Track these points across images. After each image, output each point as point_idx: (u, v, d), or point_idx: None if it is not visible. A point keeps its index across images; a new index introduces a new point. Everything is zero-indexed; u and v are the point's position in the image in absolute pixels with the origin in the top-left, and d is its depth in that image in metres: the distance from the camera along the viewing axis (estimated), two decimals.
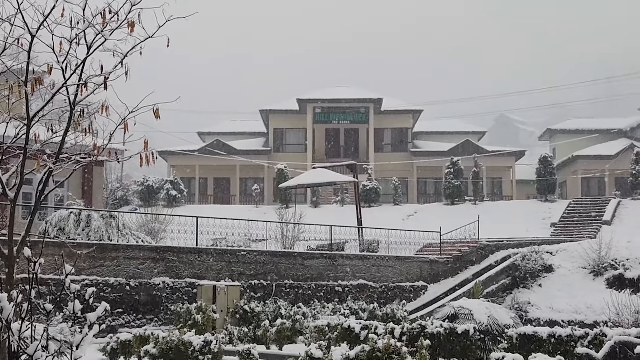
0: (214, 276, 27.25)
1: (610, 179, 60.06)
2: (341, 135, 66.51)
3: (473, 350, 17.87)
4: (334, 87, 68.16)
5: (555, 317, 29.36)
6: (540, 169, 53.82)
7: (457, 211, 48.12)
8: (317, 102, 64.50)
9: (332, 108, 64.78)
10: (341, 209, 50.32)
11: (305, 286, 29.20)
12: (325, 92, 66.27)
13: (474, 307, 20.71)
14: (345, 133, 66.38)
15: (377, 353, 12.85)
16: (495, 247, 36.10)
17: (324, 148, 65.72)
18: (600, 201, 49.96)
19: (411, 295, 31.78)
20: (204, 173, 63.43)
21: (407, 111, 66.71)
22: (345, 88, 67.46)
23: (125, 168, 65.45)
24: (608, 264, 32.22)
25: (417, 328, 18.00)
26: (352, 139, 66.21)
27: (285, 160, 59.60)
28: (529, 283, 33.11)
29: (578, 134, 69.28)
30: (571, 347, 16.19)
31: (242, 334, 21.36)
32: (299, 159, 61.72)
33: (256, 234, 33.21)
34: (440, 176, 58.01)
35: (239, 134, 70.69)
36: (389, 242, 34.29)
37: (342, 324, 19.34)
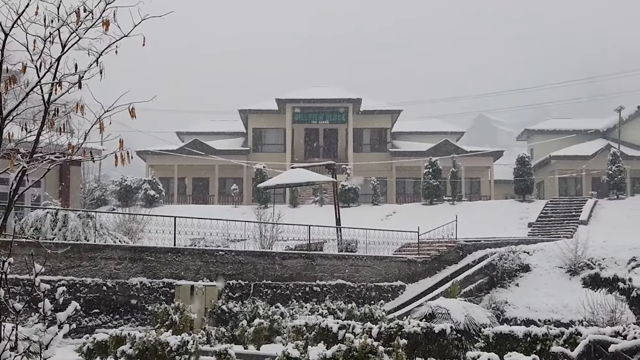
0: (191, 276, 27.18)
1: (587, 179, 60.54)
2: (320, 135, 66.55)
3: (449, 349, 17.94)
4: (312, 87, 68.19)
5: (532, 316, 29.52)
6: (518, 169, 54.16)
7: (436, 211, 48.31)
8: (296, 102, 64.51)
9: (311, 108, 64.81)
10: (320, 209, 50.36)
11: (284, 286, 29.19)
12: (304, 92, 66.29)
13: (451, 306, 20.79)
14: (324, 133, 66.43)
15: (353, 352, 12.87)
16: (472, 246, 36.26)
17: (302, 148, 65.74)
18: (577, 201, 50.33)
19: (389, 295, 31.85)
20: (182, 173, 63.23)
21: (386, 111, 66.87)
22: (324, 88, 67.51)
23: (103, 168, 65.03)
24: (584, 264, 32.46)
25: (394, 327, 18.03)
26: (331, 139, 66.27)
27: (264, 160, 59.56)
28: (506, 282, 33.27)
29: (555, 134, 69.82)
30: (546, 346, 16.29)
31: (220, 334, 21.32)
32: (278, 158, 61.70)
33: (234, 234, 33.17)
34: (418, 176, 58.22)
35: (218, 134, 70.54)
36: (367, 241, 34.35)
37: (319, 323, 19.33)
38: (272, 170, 53.68)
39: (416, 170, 60.08)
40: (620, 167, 52.83)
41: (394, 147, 65.97)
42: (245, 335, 20.99)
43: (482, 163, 63.81)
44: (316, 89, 67.21)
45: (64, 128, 9.26)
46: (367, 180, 58.06)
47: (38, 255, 20.46)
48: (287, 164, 58.29)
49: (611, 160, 53.16)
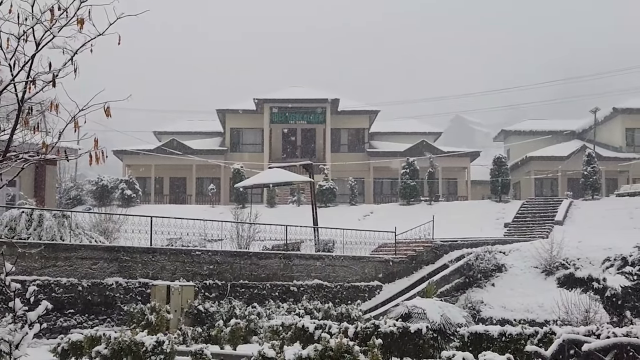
0: (168, 276, 27.11)
1: (562, 179, 60.98)
2: (298, 135, 66.55)
3: (425, 348, 18.02)
4: (290, 87, 68.18)
5: (507, 315, 29.71)
6: (495, 169, 54.43)
7: (413, 211, 48.46)
8: (274, 102, 64.45)
9: (288, 108, 64.78)
10: (297, 209, 50.35)
11: (260, 286, 29.17)
12: (282, 92, 66.25)
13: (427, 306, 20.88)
14: (301, 133, 66.44)
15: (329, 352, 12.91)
16: (449, 246, 36.44)
17: (280, 148, 65.71)
18: (553, 201, 50.66)
19: (366, 295, 31.93)
20: (159, 172, 62.96)
21: (363, 111, 66.97)
22: (302, 88, 67.52)
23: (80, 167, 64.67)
24: (559, 264, 32.71)
25: (371, 327, 18.10)
26: (309, 139, 66.30)
27: (241, 160, 59.46)
28: (482, 282, 33.47)
29: (532, 135, 70.31)
30: (521, 345, 16.42)
31: (196, 334, 21.28)
32: (256, 158, 61.63)
33: (211, 234, 33.11)
34: (396, 176, 58.34)
35: (196, 134, 70.32)
36: (344, 241, 34.41)
37: (296, 323, 19.37)
38: (250, 170, 53.58)
39: (394, 170, 60.21)
40: (596, 167, 53.25)
41: (372, 147, 66.08)
42: (221, 335, 20.95)
43: (459, 163, 64.09)
44: (294, 89, 67.21)
45: (39, 127, 9.21)
46: (344, 180, 58.13)
47: (12, 255, 20.32)
48: (264, 164, 58.21)
49: (586, 161, 53.57)
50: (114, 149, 63.02)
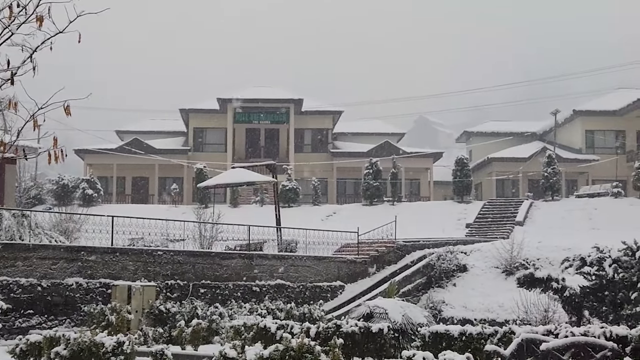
0: (129, 276, 26.91)
1: (523, 180, 61.66)
2: (261, 135, 66.46)
3: (387, 348, 18.11)
4: (254, 87, 68.03)
5: (468, 315, 29.95)
6: (457, 170, 54.83)
7: (376, 211, 48.64)
8: (238, 101, 64.29)
9: (252, 108, 64.67)
10: (260, 209, 50.27)
11: (223, 286, 29.09)
12: (246, 91, 66.11)
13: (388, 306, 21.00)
14: (265, 133, 66.35)
15: (290, 352, 12.91)
16: (411, 247, 36.62)
17: (244, 148, 65.57)
18: (514, 202, 51.19)
19: (328, 295, 31.98)
20: (121, 172, 62.48)
21: (327, 112, 67.09)
22: (266, 88, 67.43)
23: (40, 166, 63.90)
24: (519, 264, 33.05)
25: (332, 327, 18.13)
26: (272, 139, 66.23)
27: (204, 159, 59.19)
28: (444, 282, 33.70)
29: (494, 136, 70.99)
30: (481, 345, 16.56)
31: (157, 335, 21.15)
32: (219, 158, 61.42)
33: (174, 234, 32.90)
34: (359, 177, 58.51)
35: (159, 133, 69.89)
36: (307, 242, 34.42)
37: (258, 323, 19.35)
38: (213, 170, 53.39)
39: (357, 170, 60.39)
40: (556, 169, 53.89)
41: (335, 147, 66.22)
42: (183, 335, 20.85)
43: (422, 164, 64.48)
44: (258, 88, 67.10)
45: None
46: (308, 180, 58.19)
47: None
48: (227, 163, 58.07)
49: (547, 162, 54.19)
50: (75, 148, 62.40)
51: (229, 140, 64.47)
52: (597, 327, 15.44)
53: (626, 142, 63.91)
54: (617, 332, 14.98)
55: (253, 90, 66.26)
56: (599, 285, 26.11)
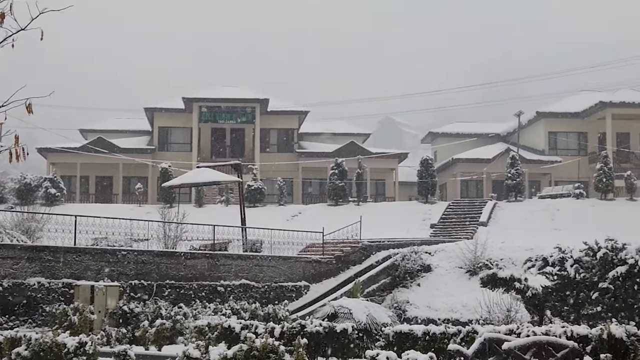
0: (92, 276, 26.68)
1: (487, 181, 62.17)
2: (227, 134, 66.26)
3: (351, 348, 18.17)
4: (220, 87, 67.85)
5: (432, 315, 30.11)
6: (422, 170, 55.11)
7: (341, 211, 48.73)
8: (203, 101, 64.06)
9: (218, 107, 64.48)
10: (226, 209, 50.11)
11: (187, 286, 28.95)
12: (212, 91, 65.90)
13: (353, 306, 21.08)
14: (231, 132, 66.16)
15: (254, 352, 12.90)
16: (376, 247, 36.72)
17: (209, 147, 65.33)
18: (478, 203, 51.59)
19: (293, 295, 31.96)
20: (85, 171, 61.87)
21: (293, 112, 67.09)
22: (231, 88, 67.25)
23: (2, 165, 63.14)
24: (483, 264, 33.31)
25: (297, 327, 18.16)
26: (238, 139, 66.06)
27: (170, 159, 58.83)
28: (408, 282, 33.85)
29: (458, 137, 71.49)
30: (444, 344, 16.68)
31: (120, 335, 21.03)
32: (184, 158, 61.08)
33: (138, 234, 32.67)
34: (325, 177, 58.59)
35: (123, 132, 69.34)
36: (272, 242, 34.38)
37: (222, 323, 19.31)
38: (178, 169, 53.09)
39: (322, 171, 60.46)
40: (519, 170, 54.42)
41: (301, 147, 66.23)
42: (146, 336, 20.76)
43: (387, 165, 64.71)
44: (224, 88, 66.92)
45: None
46: (273, 180, 58.12)
47: None
48: (193, 163, 57.79)
49: (510, 163, 54.70)
50: (38, 147, 61.72)
51: (194, 140, 64.20)
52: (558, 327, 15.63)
53: (588, 144, 64.75)
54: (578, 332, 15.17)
55: (219, 90, 66.07)
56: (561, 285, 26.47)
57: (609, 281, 25.29)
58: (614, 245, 26.25)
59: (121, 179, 61.66)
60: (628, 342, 14.49)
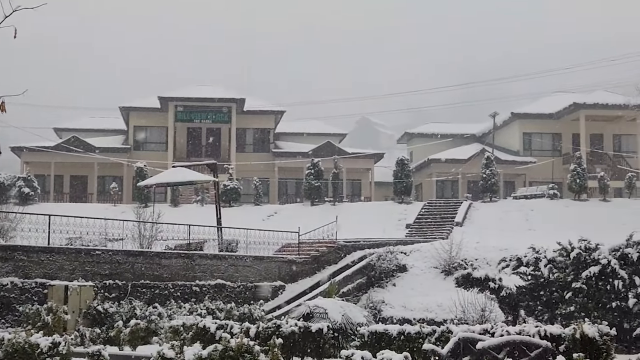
0: (66, 276, 26.50)
1: (463, 181, 62.46)
2: (203, 134, 66.05)
3: (326, 348, 18.21)
4: (196, 86, 67.56)
5: (407, 315, 30.21)
6: (397, 171, 55.23)
7: (317, 211, 48.75)
8: (179, 100, 63.80)
9: (194, 107, 64.23)
10: (201, 209, 49.96)
11: (162, 286, 28.84)
12: (188, 90, 65.63)
13: (328, 306, 21.12)
14: (207, 132, 65.96)
15: (229, 352, 12.90)
16: (352, 247, 36.79)
17: (185, 147, 65.07)
18: (453, 203, 51.81)
19: (269, 295, 31.93)
20: (59, 170, 61.40)
21: (269, 111, 67.00)
22: (208, 87, 67.03)
23: None
24: (458, 264, 33.49)
25: (272, 327, 18.17)
26: (214, 138, 65.86)
27: (145, 158, 58.52)
28: (384, 282, 33.95)
29: (434, 137, 71.74)
30: (419, 344, 16.77)
31: (94, 335, 20.90)
32: (160, 157, 60.77)
33: (113, 233, 32.46)
34: (301, 177, 58.58)
35: (98, 131, 68.89)
36: (247, 241, 34.34)
37: (197, 323, 19.28)
38: (154, 169, 52.86)
39: (298, 171, 60.45)
40: (494, 170, 54.72)
41: (277, 147, 66.18)
42: (120, 336, 20.65)
43: (363, 165, 64.82)
44: (200, 87, 66.67)
45: None
46: (249, 180, 58.01)
47: None
48: (168, 162, 57.53)
49: (485, 164, 54.98)
50: (12, 146, 61.19)
51: (170, 139, 63.91)
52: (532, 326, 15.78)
53: (562, 144, 65.25)
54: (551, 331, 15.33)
55: (195, 89, 65.81)
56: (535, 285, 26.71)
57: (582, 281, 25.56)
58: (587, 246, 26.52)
59: (96, 178, 61.25)
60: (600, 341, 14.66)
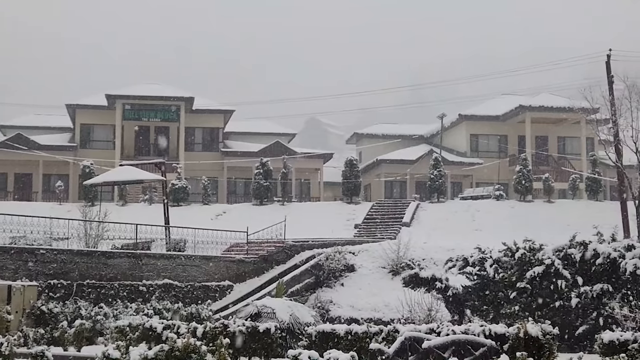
0: (9, 276, 26.08)
1: (411, 182, 62.90)
2: (151, 132, 65.37)
3: (274, 347, 18.22)
4: (145, 84, 66.84)
5: (355, 315, 30.36)
6: (346, 171, 55.43)
7: (266, 211, 48.68)
8: (127, 98, 63.07)
9: (142, 105, 63.54)
10: (149, 208, 49.50)
11: (108, 285, 28.55)
12: (136, 88, 64.91)
13: (276, 305, 21.12)
14: (155, 131, 65.29)
15: (176, 352, 12.81)
16: (300, 247, 36.82)
17: (133, 145, 64.33)
18: (401, 204, 52.17)
19: (217, 295, 31.82)
20: (3, 168, 60.27)
21: (218, 111, 66.63)
22: (156, 85, 66.37)
23: None
24: (405, 264, 33.74)
25: (219, 327, 18.13)
26: (163, 137, 65.21)
27: (92, 156, 57.76)
28: (332, 282, 34.05)
29: (383, 138, 72.12)
30: (366, 343, 16.87)
31: (38, 336, 20.61)
32: (107, 155, 60.00)
33: (58, 232, 32.05)
34: (250, 176, 58.39)
35: (44, 129, 67.69)
36: (195, 241, 34.16)
37: (143, 323, 19.12)
38: (101, 167, 52.23)
39: (248, 170, 60.24)
40: (442, 171, 55.27)
41: (226, 147, 65.88)
42: (65, 336, 20.39)
43: (313, 165, 64.88)
44: (148, 85, 65.96)
45: None
46: (198, 179, 57.64)
47: None
48: (116, 161, 56.86)
49: (433, 164, 55.49)
50: None
51: (117, 138, 63.11)
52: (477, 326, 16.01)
53: (508, 146, 66.14)
54: (496, 330, 15.56)
55: (143, 87, 65.09)
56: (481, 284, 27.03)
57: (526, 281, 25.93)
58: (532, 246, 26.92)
59: (41, 176, 60.24)
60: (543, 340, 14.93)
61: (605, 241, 26.92)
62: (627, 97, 41.24)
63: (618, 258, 25.23)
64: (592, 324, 24.43)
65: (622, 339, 15.42)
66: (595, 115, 44.11)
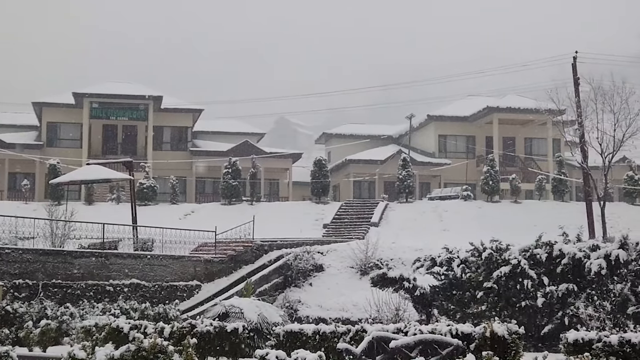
0: None
1: (379, 182, 63.11)
2: (119, 131, 64.94)
3: (241, 348, 18.17)
4: (112, 82, 66.37)
5: (323, 314, 30.41)
6: (315, 171, 55.49)
7: (234, 211, 48.58)
8: (94, 96, 62.55)
9: (109, 103, 63.09)
10: (117, 207, 49.13)
11: (75, 285, 28.33)
12: (103, 86, 64.42)
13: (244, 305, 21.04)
14: (123, 129, 64.88)
15: (142, 352, 12.73)
16: (269, 246, 36.80)
17: (100, 144, 63.85)
18: (369, 204, 52.34)
19: (185, 295, 31.69)
20: None
21: (187, 110, 66.36)
22: (124, 84, 65.95)
23: None
24: (373, 264, 33.86)
25: (187, 327, 18.04)
26: (130, 136, 64.84)
27: (58, 155, 57.27)
28: (301, 282, 34.08)
29: (352, 138, 72.24)
30: (334, 343, 16.88)
31: (3, 336, 20.40)
32: (74, 154, 59.50)
33: (23, 231, 31.75)
34: (218, 176, 58.23)
35: (9, 127, 66.90)
36: (163, 241, 34.00)
37: (110, 323, 18.95)
38: (67, 166, 51.77)
39: (216, 170, 60.07)
40: (410, 171, 55.53)
41: (195, 146, 65.63)
42: (30, 337, 20.19)
43: (281, 165, 64.85)
44: (116, 84, 65.52)
45: None
46: (166, 178, 57.36)
47: None
48: (83, 160, 56.39)
49: (402, 165, 55.73)
50: None
51: (84, 136, 62.61)
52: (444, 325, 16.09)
53: (476, 147, 66.61)
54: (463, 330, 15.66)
55: (110, 86, 64.62)
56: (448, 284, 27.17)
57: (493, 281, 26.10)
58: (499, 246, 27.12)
59: (6, 175, 59.58)
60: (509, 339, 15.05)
61: (570, 242, 27.18)
62: (593, 99, 41.72)
63: (583, 258, 25.47)
64: (557, 324, 24.66)
65: (587, 339, 15.57)
66: (562, 116, 44.56)
